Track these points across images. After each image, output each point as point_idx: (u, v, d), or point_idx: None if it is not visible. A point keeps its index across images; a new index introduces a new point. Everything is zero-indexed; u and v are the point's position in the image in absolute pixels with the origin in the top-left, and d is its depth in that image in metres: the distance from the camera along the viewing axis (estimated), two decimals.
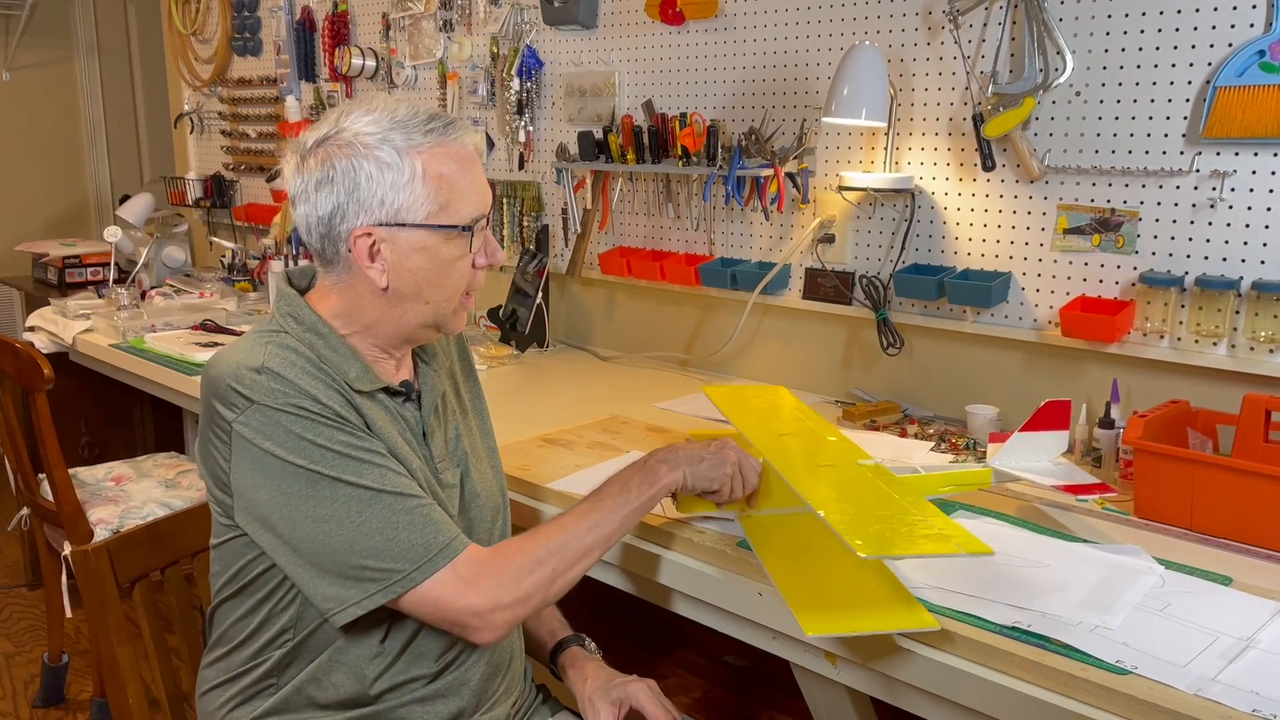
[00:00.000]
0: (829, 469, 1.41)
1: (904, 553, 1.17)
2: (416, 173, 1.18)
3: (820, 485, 1.33)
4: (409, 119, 1.20)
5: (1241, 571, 1.35)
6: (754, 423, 1.61)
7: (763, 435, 1.53)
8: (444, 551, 1.15)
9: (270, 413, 1.14)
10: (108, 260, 3.71)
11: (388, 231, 1.19)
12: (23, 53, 5.01)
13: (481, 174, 1.25)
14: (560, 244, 2.79)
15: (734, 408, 1.69)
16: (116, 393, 3.24)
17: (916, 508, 1.24)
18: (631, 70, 2.57)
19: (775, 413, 1.69)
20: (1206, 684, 1.06)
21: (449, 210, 1.20)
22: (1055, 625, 1.18)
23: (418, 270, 1.21)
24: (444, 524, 1.18)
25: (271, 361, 1.16)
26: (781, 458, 1.42)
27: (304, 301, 1.25)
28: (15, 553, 3.45)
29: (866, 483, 1.35)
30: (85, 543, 2.32)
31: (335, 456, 1.14)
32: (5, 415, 2.46)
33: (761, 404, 1.73)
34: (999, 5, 1.91)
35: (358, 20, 3.37)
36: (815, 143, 2.23)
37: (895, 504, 1.26)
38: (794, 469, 1.39)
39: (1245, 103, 1.64)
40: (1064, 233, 1.88)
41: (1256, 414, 1.54)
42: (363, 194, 1.18)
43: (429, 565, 1.14)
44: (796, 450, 1.49)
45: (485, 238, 1.27)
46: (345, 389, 1.20)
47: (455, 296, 1.26)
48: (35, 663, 2.78)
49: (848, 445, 1.51)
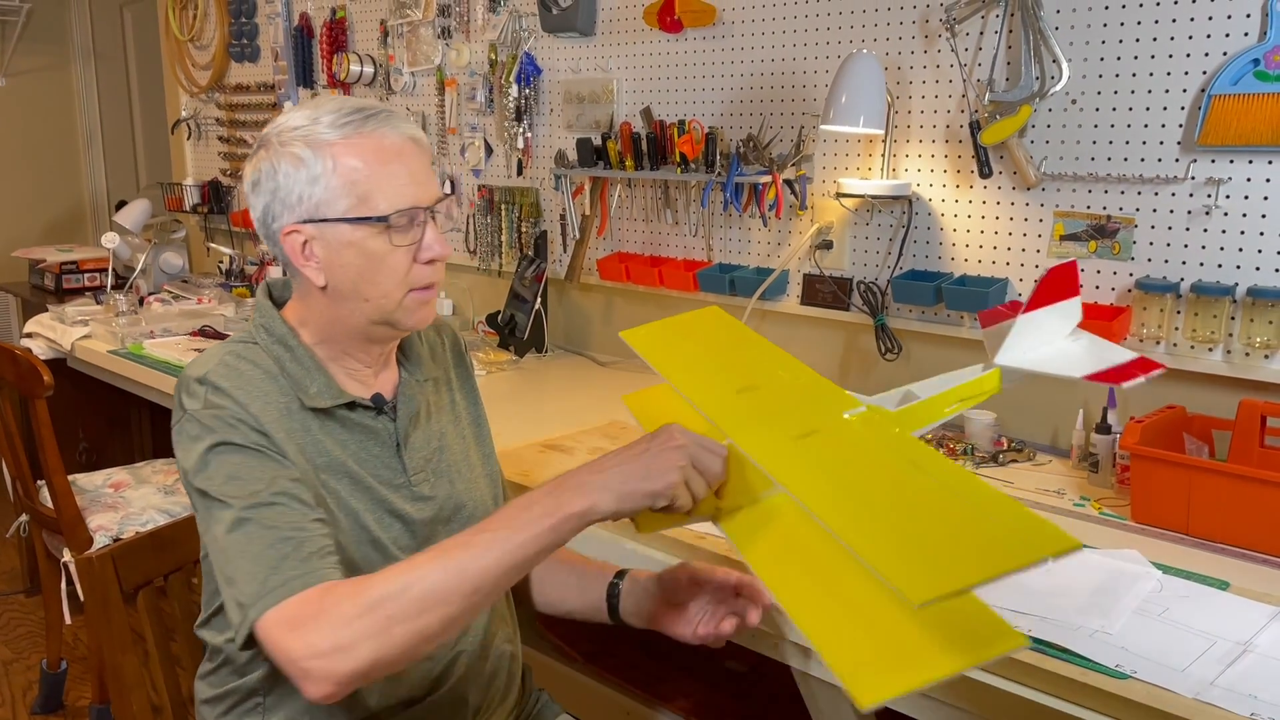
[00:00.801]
0: (818, 438, 1.08)
1: (974, 580, 0.82)
2: (328, 167, 1.17)
3: (818, 475, 1.02)
4: (331, 114, 1.19)
5: (1238, 576, 1.36)
6: (700, 382, 1.26)
7: (717, 399, 1.19)
8: (280, 589, 1.02)
9: (196, 425, 1.15)
10: (105, 266, 3.71)
11: (315, 229, 1.19)
12: (19, 58, 5.01)
13: (412, 165, 1.20)
14: (559, 250, 2.80)
15: (667, 360, 1.34)
16: (114, 399, 3.24)
17: (965, 487, 0.93)
18: (630, 77, 2.58)
19: (719, 352, 1.34)
20: (1205, 688, 1.07)
21: (369, 203, 1.17)
22: (1054, 629, 1.19)
23: (349, 266, 1.19)
24: (295, 560, 1.05)
25: (214, 373, 1.17)
26: (751, 432, 1.09)
27: (276, 313, 1.26)
28: (13, 559, 3.45)
29: (879, 456, 1.05)
30: (85, 549, 2.32)
31: (229, 480, 1.11)
32: (4, 422, 2.46)
33: (698, 345, 1.37)
34: (995, 14, 1.92)
35: (356, 27, 3.38)
36: (813, 150, 2.24)
37: (933, 490, 0.95)
38: (774, 451, 1.06)
39: (1240, 111, 1.66)
40: (1060, 239, 1.89)
41: (1252, 419, 1.55)
42: (283, 192, 1.19)
43: (261, 604, 1.02)
44: (767, 412, 1.15)
45: (427, 231, 1.21)
46: (296, 406, 1.19)
47: (395, 292, 1.20)
48: (34, 669, 2.78)
49: (822, 388, 1.18)
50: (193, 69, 4.19)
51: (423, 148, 1.23)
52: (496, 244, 2.96)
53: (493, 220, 2.96)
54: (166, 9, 4.23)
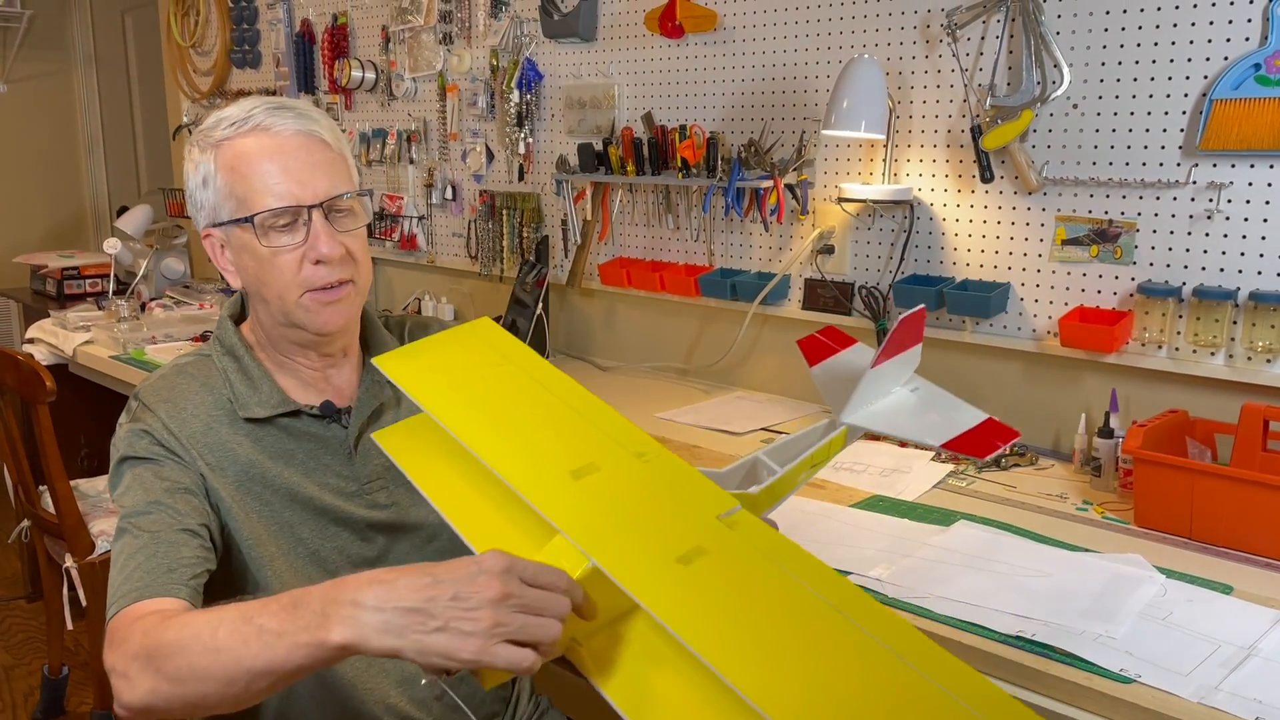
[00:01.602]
0: (708, 563, 0.82)
1: None
2: (213, 169, 1.18)
3: (729, 629, 0.76)
4: (236, 111, 1.18)
5: (1241, 580, 1.36)
6: (514, 449, 0.95)
7: (549, 486, 0.90)
8: (122, 599, 1.03)
9: (117, 442, 1.19)
10: (107, 272, 3.71)
11: (221, 232, 1.20)
12: (20, 65, 5.02)
13: (292, 163, 1.16)
14: (560, 255, 2.81)
15: (452, 409, 1.01)
16: (116, 404, 3.22)
17: (914, 650, 0.75)
18: (631, 83, 2.59)
19: (520, 393, 1.03)
20: (1210, 692, 1.07)
21: (247, 204, 1.16)
22: (1059, 634, 1.18)
23: (248, 268, 1.19)
24: (141, 572, 1.05)
25: (146, 389, 1.21)
26: (620, 554, 0.83)
27: (230, 325, 1.27)
28: (13, 565, 3.45)
29: (794, 599, 0.80)
30: (87, 554, 2.32)
31: (125, 492, 1.15)
32: (6, 427, 2.46)
33: (486, 382, 1.05)
34: (996, 19, 1.92)
35: (357, 33, 3.39)
36: (814, 154, 2.24)
37: (879, 657, 0.75)
38: (660, 589, 0.79)
39: (1241, 115, 1.66)
40: (1062, 244, 1.89)
41: (1255, 423, 1.55)
42: (193, 197, 1.21)
43: (111, 609, 1.04)
44: (627, 514, 0.88)
45: (315, 230, 1.15)
46: (229, 419, 1.20)
47: (289, 294, 1.17)
48: (35, 675, 2.78)
49: (676, 470, 0.93)
50: (194, 75, 4.19)
51: (317, 143, 1.18)
52: (498, 249, 2.96)
53: (494, 226, 2.96)
54: (168, 15, 4.24)
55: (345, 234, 1.19)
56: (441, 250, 3.22)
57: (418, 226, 3.24)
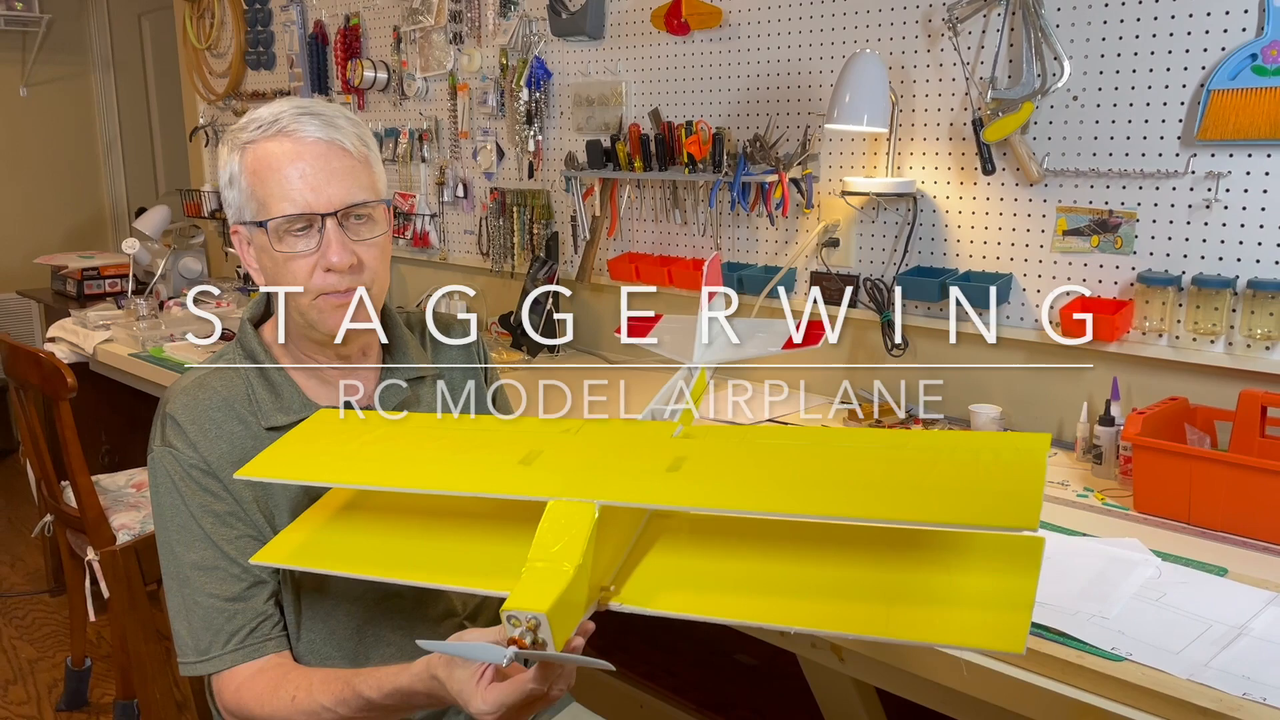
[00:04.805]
0: (690, 462, 0.90)
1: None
2: (237, 170, 1.21)
3: (752, 486, 0.88)
4: (267, 112, 1.22)
5: (1237, 563, 1.38)
6: (459, 472, 0.98)
7: (504, 478, 0.94)
8: (219, 659, 1.16)
9: (155, 465, 1.21)
10: (126, 272, 3.77)
11: (246, 230, 1.23)
12: (40, 69, 5.09)
13: (310, 170, 1.18)
14: (570, 251, 2.84)
15: (377, 479, 1.03)
16: (135, 401, 3.28)
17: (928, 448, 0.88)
18: (638, 80, 2.61)
19: (424, 443, 1.08)
20: (1199, 669, 1.10)
21: (266, 207, 1.18)
22: (1053, 614, 1.21)
23: (266, 269, 1.23)
24: (225, 634, 1.16)
25: (178, 408, 1.22)
26: (605, 486, 0.89)
27: (250, 330, 1.30)
28: (37, 560, 3.51)
29: (796, 449, 0.93)
30: (108, 547, 2.37)
31: (180, 529, 1.18)
32: (30, 424, 2.51)
33: (380, 448, 1.07)
34: (997, 12, 1.94)
35: (369, 34, 3.43)
36: (818, 149, 2.27)
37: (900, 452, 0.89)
38: (656, 489, 0.89)
39: (1239, 105, 1.68)
40: (1063, 234, 1.91)
41: (1253, 409, 1.57)
42: (222, 193, 1.25)
43: (206, 665, 1.17)
44: (602, 466, 0.94)
45: (328, 238, 1.18)
46: (252, 432, 1.22)
47: (302, 295, 1.20)
48: (59, 667, 2.83)
49: (600, 425, 1.03)
50: (210, 77, 4.25)
51: (338, 150, 1.19)
52: (509, 246, 3.00)
53: (505, 223, 2.99)
54: (184, 18, 4.30)
55: (360, 242, 1.20)
56: (453, 247, 3.26)
57: (430, 224, 3.28)
